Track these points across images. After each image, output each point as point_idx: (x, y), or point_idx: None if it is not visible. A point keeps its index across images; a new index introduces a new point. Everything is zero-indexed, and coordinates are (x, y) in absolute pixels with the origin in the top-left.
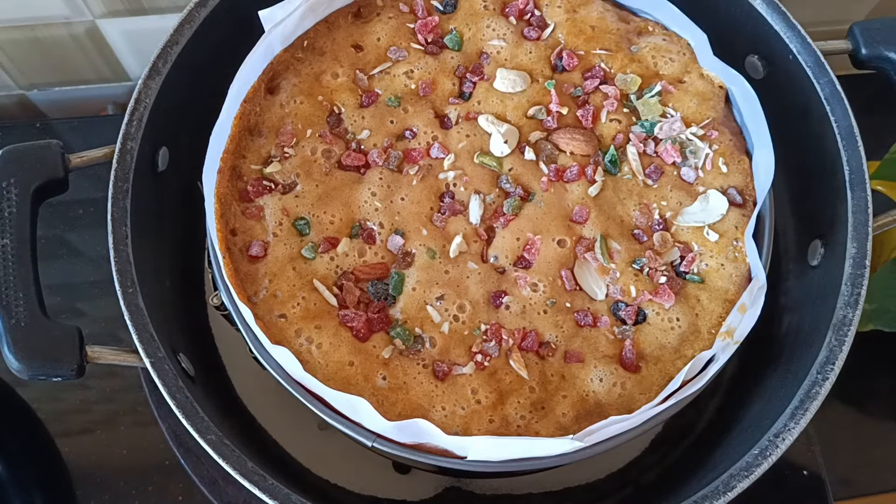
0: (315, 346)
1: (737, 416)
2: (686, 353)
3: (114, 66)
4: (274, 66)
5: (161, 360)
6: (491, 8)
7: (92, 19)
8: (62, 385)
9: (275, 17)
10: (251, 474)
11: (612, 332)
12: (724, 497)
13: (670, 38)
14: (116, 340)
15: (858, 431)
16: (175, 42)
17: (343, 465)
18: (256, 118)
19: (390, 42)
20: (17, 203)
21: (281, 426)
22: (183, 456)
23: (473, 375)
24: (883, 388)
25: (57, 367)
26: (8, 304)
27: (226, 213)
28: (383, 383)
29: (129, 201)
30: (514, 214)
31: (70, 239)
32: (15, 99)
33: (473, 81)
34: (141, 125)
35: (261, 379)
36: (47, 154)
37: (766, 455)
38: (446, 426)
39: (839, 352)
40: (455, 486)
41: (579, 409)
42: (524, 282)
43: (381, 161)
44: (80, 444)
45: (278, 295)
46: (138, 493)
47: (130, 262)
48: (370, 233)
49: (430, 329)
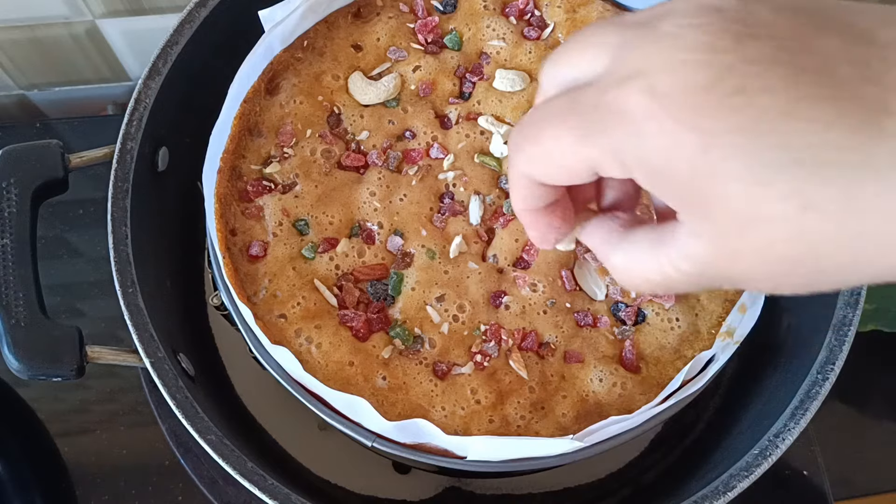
0: (315, 346)
1: (737, 416)
2: (686, 353)
3: (114, 66)
4: (274, 66)
5: (161, 360)
6: (491, 8)
7: (92, 19)
8: (62, 385)
9: (275, 17)
10: (251, 474)
11: (612, 333)
12: (723, 497)
13: None
14: (116, 340)
15: (858, 431)
16: (175, 42)
17: (343, 465)
18: (256, 118)
19: (390, 42)
20: (17, 203)
21: (281, 426)
22: (183, 456)
23: (473, 375)
24: (883, 388)
25: (57, 367)
26: (8, 304)
27: (226, 213)
28: (383, 383)
29: (129, 201)
30: (513, 215)
31: (70, 239)
32: (15, 99)
33: (473, 81)
34: (141, 125)
35: (261, 379)
36: (47, 154)
37: (766, 455)
38: (446, 426)
39: (839, 352)
40: (455, 486)
41: (579, 410)
42: (523, 282)
43: (380, 162)
44: (80, 444)
45: (278, 295)
46: (138, 493)
47: (130, 262)
48: (369, 233)
49: (429, 329)
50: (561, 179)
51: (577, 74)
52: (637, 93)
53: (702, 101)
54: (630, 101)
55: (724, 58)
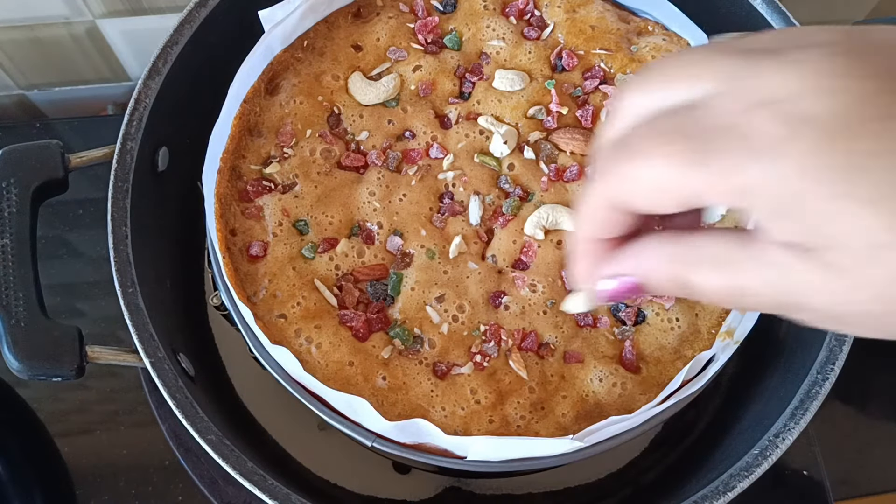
0: (315, 346)
1: (737, 416)
2: (686, 353)
3: (114, 66)
4: (274, 66)
5: (161, 360)
6: (491, 8)
7: (92, 19)
8: (62, 385)
9: (275, 17)
10: (251, 474)
11: (612, 333)
12: (724, 497)
13: (670, 39)
14: (116, 340)
15: (858, 431)
16: (175, 42)
17: (343, 465)
18: (256, 118)
19: (390, 42)
20: (17, 203)
21: (281, 426)
22: (183, 456)
23: (473, 375)
24: (883, 388)
25: (57, 367)
26: (8, 304)
27: (226, 213)
28: (383, 383)
29: (129, 201)
30: (512, 215)
31: (70, 239)
32: (15, 99)
33: (473, 81)
34: (141, 125)
35: (261, 379)
36: (47, 154)
37: (767, 455)
38: (446, 426)
39: (839, 352)
40: (455, 486)
41: (579, 410)
42: (522, 282)
43: (379, 162)
44: (80, 444)
45: (278, 295)
46: (138, 493)
47: (130, 262)
48: (369, 233)
49: (429, 329)
50: (654, 206)
51: (675, 100)
52: (769, 118)
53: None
54: (760, 126)
55: (869, 83)
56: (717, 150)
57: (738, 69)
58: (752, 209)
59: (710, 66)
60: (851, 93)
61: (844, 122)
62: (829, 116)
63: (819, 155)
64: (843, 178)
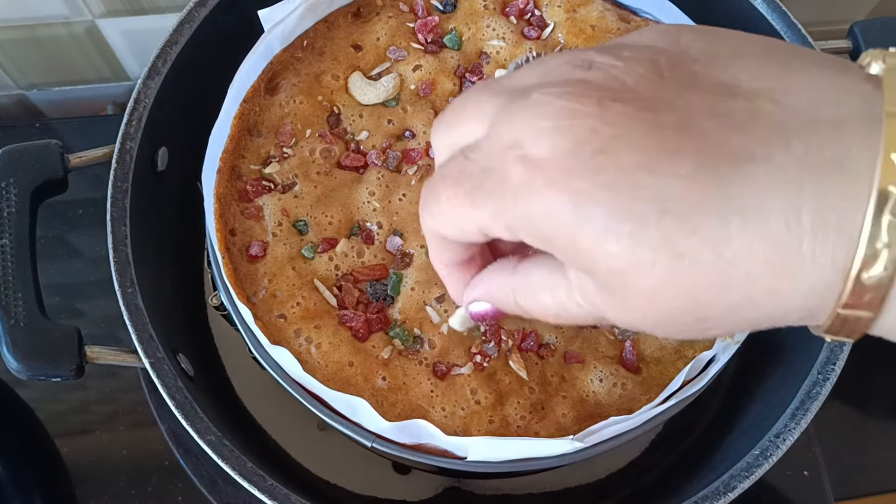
0: (314, 347)
1: (737, 416)
2: (686, 353)
3: (113, 65)
4: (273, 65)
5: (160, 360)
6: (491, 7)
7: (91, 19)
8: (62, 385)
9: (274, 17)
10: (250, 474)
11: (612, 333)
12: (724, 497)
13: None
14: (116, 340)
15: (859, 431)
16: (175, 42)
17: (343, 466)
18: (256, 118)
19: (390, 42)
20: (16, 203)
21: (281, 426)
22: (183, 456)
23: (472, 376)
24: (883, 388)
25: (56, 367)
26: (7, 305)
27: (225, 213)
28: (383, 384)
29: (129, 201)
30: None
31: (70, 239)
32: (14, 99)
33: (473, 81)
34: (140, 125)
35: (261, 379)
36: (47, 154)
37: (767, 455)
38: (446, 427)
39: (840, 352)
40: (455, 486)
41: (579, 410)
42: None
43: (379, 162)
44: (80, 444)
45: (278, 295)
46: (138, 494)
47: (130, 262)
48: (369, 233)
49: (429, 330)
50: (461, 238)
51: (466, 138)
52: (513, 161)
53: (569, 164)
54: (509, 170)
55: (586, 122)
56: (486, 191)
57: (497, 111)
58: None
59: (480, 109)
60: (571, 131)
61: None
62: (557, 156)
63: (556, 192)
64: (577, 212)
